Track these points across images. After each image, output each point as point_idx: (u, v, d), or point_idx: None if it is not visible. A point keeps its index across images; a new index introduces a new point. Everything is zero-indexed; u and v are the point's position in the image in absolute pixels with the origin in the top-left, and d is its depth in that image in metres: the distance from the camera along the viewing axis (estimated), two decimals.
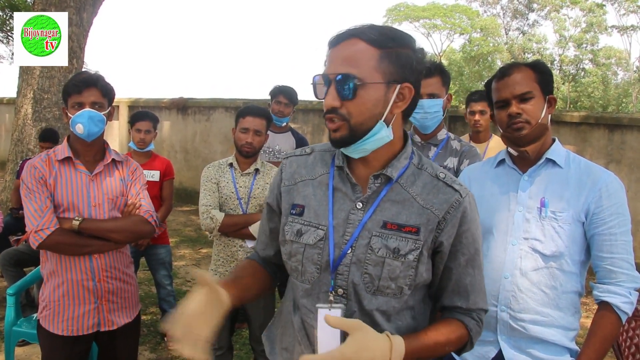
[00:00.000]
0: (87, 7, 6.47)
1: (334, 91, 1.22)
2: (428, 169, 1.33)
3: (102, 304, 2.22)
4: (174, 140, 9.98)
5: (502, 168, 1.88)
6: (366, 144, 1.25)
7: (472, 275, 1.32)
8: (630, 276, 1.66)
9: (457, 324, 1.32)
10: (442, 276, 1.33)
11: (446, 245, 1.28)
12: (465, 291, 1.32)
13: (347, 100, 1.21)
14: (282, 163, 1.47)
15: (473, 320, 1.33)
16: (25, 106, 6.21)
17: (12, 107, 8.33)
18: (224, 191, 2.89)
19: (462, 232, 1.29)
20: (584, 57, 29.99)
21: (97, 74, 2.24)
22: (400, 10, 32.84)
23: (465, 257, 1.31)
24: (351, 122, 1.22)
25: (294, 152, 1.48)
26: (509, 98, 1.73)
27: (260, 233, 1.54)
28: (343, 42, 1.23)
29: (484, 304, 1.36)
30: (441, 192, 1.30)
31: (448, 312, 1.36)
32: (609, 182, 1.69)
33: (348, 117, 1.22)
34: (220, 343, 2.92)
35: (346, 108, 1.22)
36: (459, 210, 1.28)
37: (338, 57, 1.23)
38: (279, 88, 4.17)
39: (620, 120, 6.14)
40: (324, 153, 1.41)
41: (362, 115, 1.22)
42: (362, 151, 1.27)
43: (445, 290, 1.34)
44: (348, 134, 1.23)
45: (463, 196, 1.30)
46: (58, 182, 2.17)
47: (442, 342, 1.27)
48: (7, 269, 3.94)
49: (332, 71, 1.22)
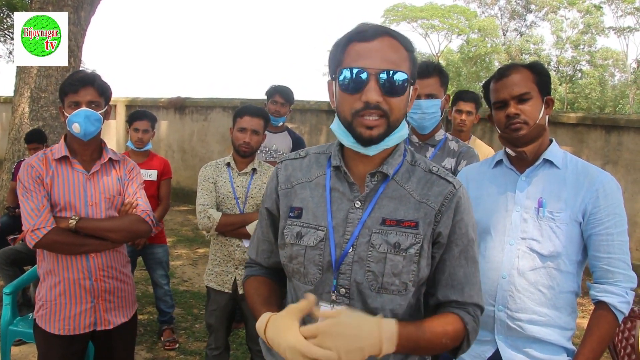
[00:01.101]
0: (85, 6, 6.46)
1: (377, 86, 1.20)
2: (421, 165, 1.35)
3: (98, 303, 2.22)
4: (171, 139, 9.98)
5: (500, 168, 1.88)
6: (390, 140, 1.26)
7: (465, 267, 1.32)
8: (626, 276, 1.67)
9: (454, 316, 1.30)
10: (436, 269, 1.32)
11: (444, 234, 1.29)
12: (459, 283, 1.31)
13: (389, 97, 1.21)
14: (277, 167, 1.45)
15: (469, 315, 1.31)
16: (23, 105, 6.19)
17: (9, 106, 8.32)
18: (222, 191, 2.89)
19: (456, 222, 1.30)
20: (581, 59, 30.09)
21: (94, 73, 2.24)
22: (398, 11, 32.89)
23: (458, 247, 1.31)
24: (391, 119, 1.22)
25: (287, 156, 1.47)
26: (507, 99, 1.74)
27: (262, 242, 1.49)
28: (379, 39, 1.22)
29: (479, 300, 1.34)
30: (435, 184, 1.31)
31: (443, 308, 1.34)
32: (605, 183, 1.70)
33: (389, 113, 1.22)
34: (217, 343, 2.92)
35: (388, 104, 1.21)
36: (453, 201, 1.30)
37: (377, 52, 1.21)
38: (275, 88, 4.17)
39: (617, 121, 6.16)
40: (319, 155, 1.41)
41: (400, 112, 1.24)
42: (383, 148, 1.27)
43: (440, 284, 1.33)
44: (386, 130, 1.23)
45: (456, 187, 1.31)
46: (55, 181, 2.16)
47: (439, 332, 1.24)
48: (4, 268, 3.93)
49: (376, 66, 1.20)
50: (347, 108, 1.23)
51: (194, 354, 3.81)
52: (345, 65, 1.23)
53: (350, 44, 1.24)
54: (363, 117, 1.21)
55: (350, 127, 1.24)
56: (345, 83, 1.22)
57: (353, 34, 1.24)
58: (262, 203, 1.48)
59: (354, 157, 1.32)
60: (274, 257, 1.48)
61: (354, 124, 1.23)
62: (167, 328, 4.01)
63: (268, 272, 1.50)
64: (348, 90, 1.22)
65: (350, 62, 1.22)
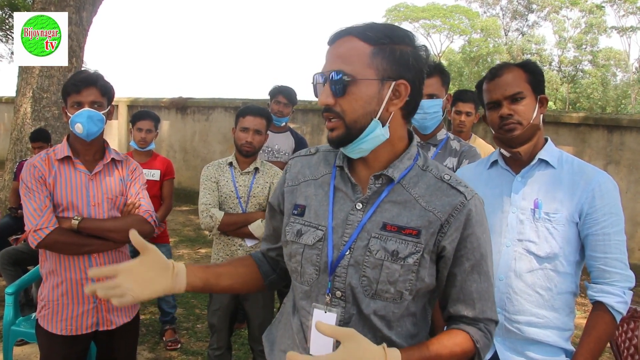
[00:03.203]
0: (87, 6, 6.47)
1: (327, 89, 1.21)
2: (433, 171, 1.29)
3: (100, 304, 2.22)
4: (173, 140, 9.98)
5: (495, 169, 1.87)
6: (362, 144, 1.23)
7: (477, 282, 1.26)
8: (624, 276, 1.66)
9: (463, 335, 1.25)
10: (446, 283, 1.28)
11: (449, 250, 1.23)
12: (470, 299, 1.26)
13: (339, 97, 1.20)
14: (288, 163, 1.45)
15: (480, 332, 1.26)
16: (25, 105, 6.21)
17: (11, 106, 8.33)
18: (224, 190, 2.89)
19: (467, 236, 1.23)
20: (583, 58, 30.05)
21: (97, 73, 2.23)
22: (399, 11, 32.91)
23: (470, 262, 1.24)
24: (346, 120, 1.21)
25: (299, 153, 1.46)
26: (500, 99, 1.72)
27: (265, 231, 1.54)
28: (338, 40, 1.23)
29: (493, 314, 1.29)
30: (445, 194, 1.25)
31: (454, 323, 1.30)
32: (602, 182, 1.69)
33: (343, 115, 1.21)
34: (219, 343, 2.92)
35: (340, 105, 1.21)
36: (463, 214, 1.23)
37: (333, 54, 1.23)
38: (278, 88, 4.18)
39: (619, 121, 6.14)
40: (328, 153, 1.40)
41: (356, 113, 1.20)
42: (360, 151, 1.25)
43: (450, 298, 1.29)
44: (344, 132, 1.22)
45: (468, 198, 1.24)
46: (57, 182, 2.16)
47: (445, 355, 1.20)
48: (6, 268, 3.94)
49: (327, 69, 1.22)
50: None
51: (196, 354, 3.81)
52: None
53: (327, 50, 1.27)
54: (326, 121, 1.25)
55: None
56: (314, 90, 1.27)
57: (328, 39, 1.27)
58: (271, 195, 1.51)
59: (356, 159, 1.31)
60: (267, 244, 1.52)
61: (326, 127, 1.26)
62: (169, 328, 4.02)
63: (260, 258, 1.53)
64: (316, 95, 1.27)
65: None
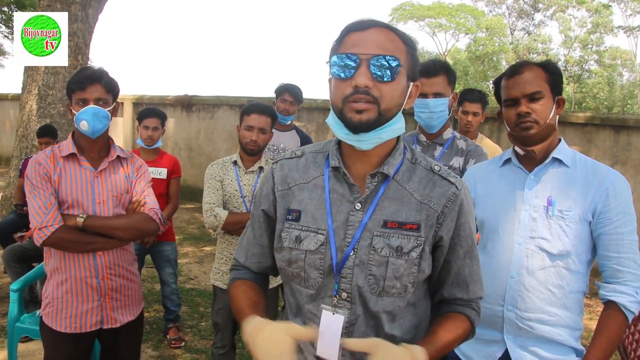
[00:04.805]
0: (93, 4, 6.49)
1: (367, 71, 1.17)
2: (422, 163, 1.32)
3: (105, 302, 2.21)
4: (178, 137, 9.99)
5: (508, 167, 1.87)
6: (384, 132, 1.22)
7: (470, 266, 1.33)
8: (636, 275, 1.65)
9: (461, 318, 1.33)
10: (441, 269, 1.33)
11: (446, 239, 1.28)
12: (464, 282, 1.33)
13: (381, 83, 1.17)
14: (272, 167, 1.41)
15: (473, 311, 1.35)
16: (30, 102, 6.23)
17: (17, 103, 8.36)
18: (228, 189, 2.88)
19: (460, 225, 1.29)
20: (589, 58, 29.94)
21: (101, 69, 2.22)
22: (405, 9, 32.85)
23: (463, 249, 1.31)
24: (381, 106, 1.18)
25: (283, 156, 1.42)
26: (519, 97, 1.71)
27: (252, 245, 1.45)
28: (374, 28, 1.20)
29: (481, 292, 1.38)
30: (437, 185, 1.29)
31: (447, 305, 1.37)
32: (615, 182, 1.68)
33: (379, 100, 1.18)
34: (223, 341, 2.92)
35: (379, 90, 1.18)
36: (457, 204, 1.28)
37: (371, 40, 1.19)
38: (284, 86, 4.16)
39: (626, 121, 6.11)
40: (316, 155, 1.37)
41: (393, 101, 1.20)
42: (377, 140, 1.22)
43: (445, 283, 1.35)
44: (376, 117, 1.18)
45: (459, 188, 1.29)
46: (62, 179, 2.16)
47: (452, 340, 1.28)
48: (11, 265, 3.95)
49: (367, 52, 1.17)
50: (338, 95, 1.20)
51: (200, 352, 3.81)
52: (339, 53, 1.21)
53: (347, 35, 1.23)
54: (353, 103, 1.18)
55: (342, 114, 1.20)
56: (336, 69, 1.20)
57: (350, 25, 1.24)
58: (256, 204, 1.43)
59: (352, 156, 1.29)
60: (264, 262, 1.45)
61: (345, 110, 1.19)
62: (173, 326, 4.02)
63: (256, 278, 1.47)
64: (340, 76, 1.19)
65: (344, 50, 1.21)
